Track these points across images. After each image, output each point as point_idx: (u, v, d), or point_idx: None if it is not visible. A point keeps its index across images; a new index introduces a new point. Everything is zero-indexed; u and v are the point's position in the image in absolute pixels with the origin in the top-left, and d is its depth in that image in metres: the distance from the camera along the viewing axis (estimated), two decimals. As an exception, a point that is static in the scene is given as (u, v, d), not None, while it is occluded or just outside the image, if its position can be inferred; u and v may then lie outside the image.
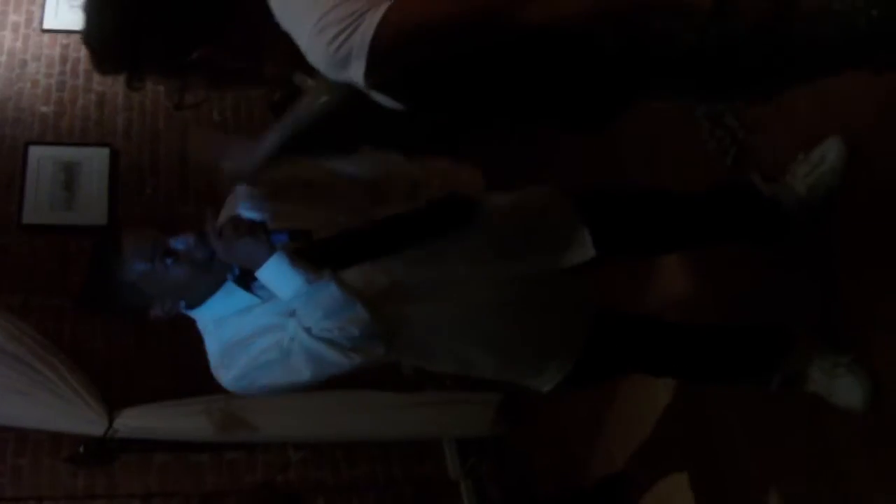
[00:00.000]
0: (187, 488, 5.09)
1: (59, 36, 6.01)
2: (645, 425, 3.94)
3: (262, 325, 2.59)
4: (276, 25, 2.00)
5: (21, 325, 4.67)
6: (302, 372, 2.54)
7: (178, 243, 2.63)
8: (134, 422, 4.87)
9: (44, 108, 5.81)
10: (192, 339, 2.77)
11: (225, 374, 2.64)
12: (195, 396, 4.80)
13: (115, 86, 5.49)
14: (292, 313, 2.53)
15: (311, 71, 2.04)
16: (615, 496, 4.01)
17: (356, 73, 1.88)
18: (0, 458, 4.92)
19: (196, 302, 2.67)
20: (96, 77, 5.62)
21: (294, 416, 4.92)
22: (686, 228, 3.17)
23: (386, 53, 1.84)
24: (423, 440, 5.32)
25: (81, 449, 4.95)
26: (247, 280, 2.61)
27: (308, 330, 2.50)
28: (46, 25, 6.05)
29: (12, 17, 6.10)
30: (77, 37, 3.56)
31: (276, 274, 2.50)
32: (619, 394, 4.15)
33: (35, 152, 5.61)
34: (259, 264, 2.49)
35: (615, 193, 3.10)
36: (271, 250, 2.48)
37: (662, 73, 2.25)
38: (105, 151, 5.72)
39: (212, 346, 2.69)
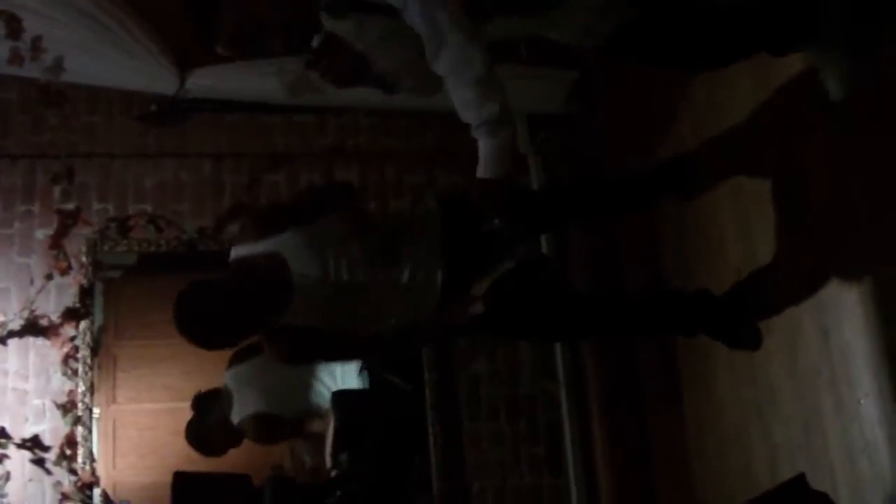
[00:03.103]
0: (258, 148, 5.33)
1: None
2: (724, 118, 4.09)
3: None
4: None
5: (92, -21, 4.70)
6: None
7: None
8: (206, 81, 4.97)
9: None
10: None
11: None
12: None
13: None
14: None
15: None
16: (684, 177, 4.17)
17: None
18: (73, 115, 5.14)
19: None
20: None
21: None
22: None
23: None
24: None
25: (154, 107, 5.14)
26: None
27: None
28: None
29: None
30: None
31: None
32: (696, 85, 4.28)
33: None
34: None
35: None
36: None
37: None
38: None
39: None
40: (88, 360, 4.89)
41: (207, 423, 5.08)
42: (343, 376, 5.16)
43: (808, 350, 3.52)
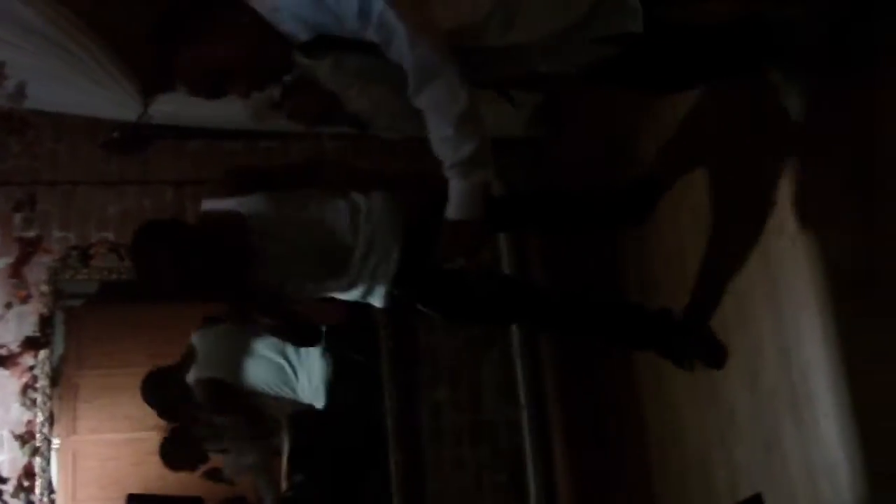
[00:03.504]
0: (219, 174, 5.32)
1: None
2: (687, 138, 4.16)
3: None
4: None
5: (57, 7, 4.69)
6: None
7: None
8: (168, 107, 4.95)
9: None
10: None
11: None
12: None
13: None
14: None
15: None
16: (642, 195, 4.24)
17: None
18: (36, 142, 5.17)
19: None
20: None
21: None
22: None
23: None
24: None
25: (116, 134, 5.17)
26: None
27: None
28: None
29: None
30: None
31: None
32: (660, 104, 4.35)
33: None
34: None
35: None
36: None
37: None
38: None
39: None
40: (48, 390, 4.89)
41: (165, 375, 5.11)
42: (307, 356, 5.13)
43: (768, 369, 3.56)
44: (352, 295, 3.80)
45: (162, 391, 5.09)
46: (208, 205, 3.67)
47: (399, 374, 5.24)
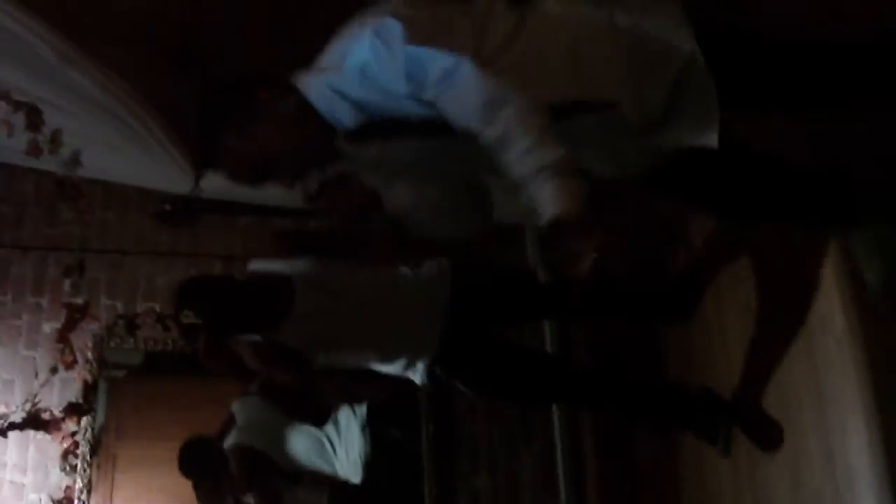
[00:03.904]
0: (270, 252, 5.39)
1: None
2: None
3: None
4: None
5: (114, 77, 4.80)
6: None
7: None
8: (220, 183, 5.01)
9: None
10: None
11: None
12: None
13: None
14: None
15: None
16: (686, 294, 4.22)
17: None
18: (88, 210, 5.22)
19: None
20: None
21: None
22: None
23: None
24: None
25: (168, 206, 5.25)
26: None
27: None
28: None
29: None
30: None
31: None
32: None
33: None
34: None
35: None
36: None
37: None
38: None
39: None
40: (88, 457, 4.92)
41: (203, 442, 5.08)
42: (347, 430, 5.10)
43: (812, 471, 3.49)
44: (393, 368, 3.79)
45: (199, 459, 5.07)
46: (256, 265, 3.75)
47: (439, 459, 5.19)
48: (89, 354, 5.03)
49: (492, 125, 2.50)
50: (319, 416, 4.48)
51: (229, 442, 4.99)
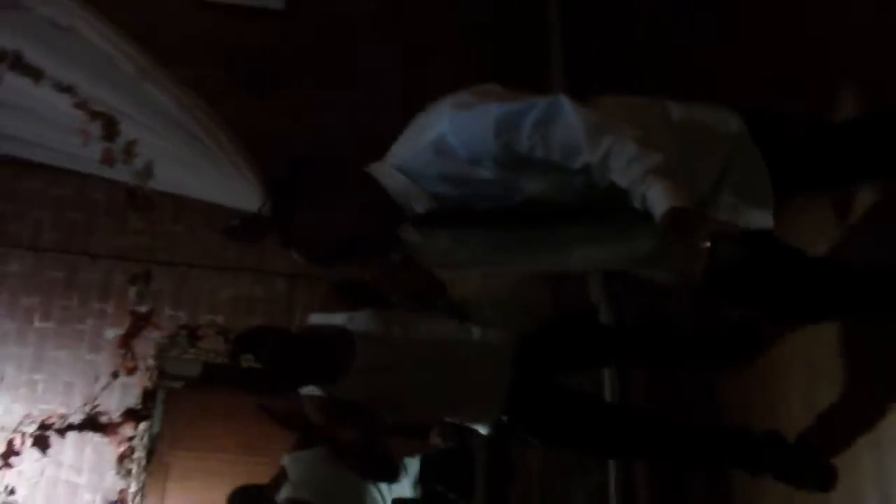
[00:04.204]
0: (332, 273, 5.45)
1: None
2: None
3: None
4: None
5: (191, 95, 4.92)
6: None
7: None
8: (289, 201, 5.17)
9: None
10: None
11: None
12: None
13: None
14: None
15: None
16: (743, 341, 4.20)
17: None
18: (157, 221, 5.38)
19: None
20: None
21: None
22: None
23: None
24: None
25: (236, 222, 5.35)
26: None
27: None
28: None
29: None
30: None
31: None
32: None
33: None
34: None
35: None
36: None
37: None
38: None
39: None
40: (143, 462, 5.02)
41: (256, 494, 5.14)
42: (400, 484, 5.13)
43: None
44: (457, 419, 3.79)
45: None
46: (316, 318, 3.66)
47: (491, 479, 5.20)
48: (150, 362, 5.15)
49: (596, 147, 2.55)
50: (389, 472, 4.48)
51: (283, 496, 5.08)
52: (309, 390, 3.53)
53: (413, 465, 5.11)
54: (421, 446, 5.01)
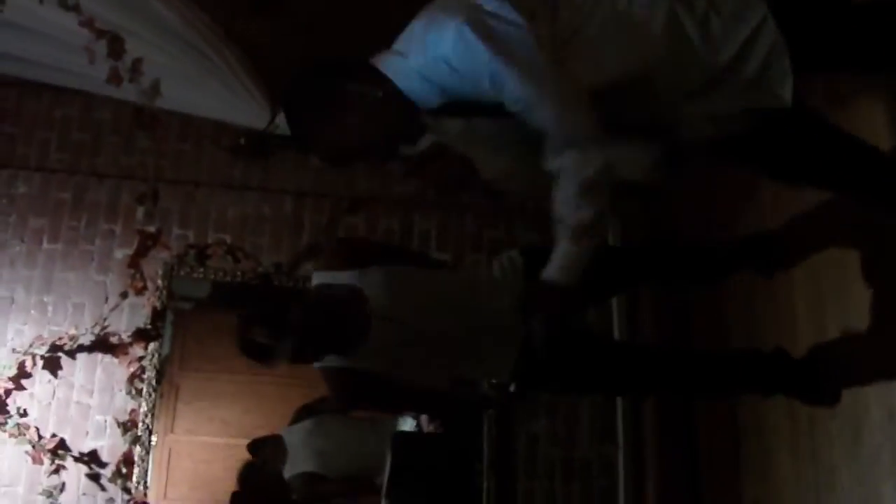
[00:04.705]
0: (339, 190, 5.48)
1: None
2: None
3: None
4: None
5: (197, 12, 4.86)
6: None
7: None
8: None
9: None
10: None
11: None
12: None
13: None
14: None
15: None
16: (766, 256, 4.18)
17: None
18: (164, 140, 5.38)
19: None
20: None
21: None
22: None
23: None
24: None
25: (242, 140, 5.34)
26: None
27: None
28: None
29: None
30: None
31: None
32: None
33: None
34: None
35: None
36: None
37: None
38: None
39: None
40: (153, 382, 5.04)
41: (265, 471, 5.22)
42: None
43: (872, 432, 3.51)
44: (475, 370, 3.66)
45: (260, 488, 5.23)
46: (321, 278, 3.51)
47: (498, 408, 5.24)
48: (159, 282, 5.14)
49: (553, 160, 2.75)
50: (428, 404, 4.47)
51: (287, 473, 5.17)
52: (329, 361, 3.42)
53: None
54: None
